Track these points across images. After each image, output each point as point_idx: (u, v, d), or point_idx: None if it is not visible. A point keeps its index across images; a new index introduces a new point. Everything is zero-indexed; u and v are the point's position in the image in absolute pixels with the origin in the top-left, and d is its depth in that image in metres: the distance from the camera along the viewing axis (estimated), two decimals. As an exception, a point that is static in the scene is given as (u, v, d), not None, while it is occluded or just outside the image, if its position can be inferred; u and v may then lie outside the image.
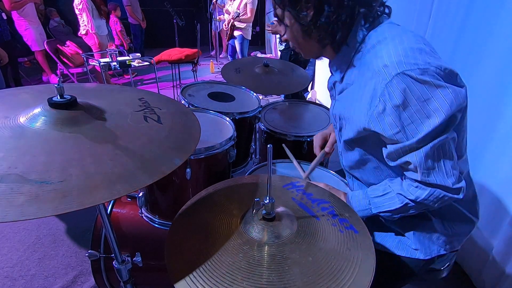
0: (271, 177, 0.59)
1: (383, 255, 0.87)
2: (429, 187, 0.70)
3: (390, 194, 0.77)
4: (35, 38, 4.17)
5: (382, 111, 0.66)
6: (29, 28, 4.10)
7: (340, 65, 0.80)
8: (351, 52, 0.75)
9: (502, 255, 1.40)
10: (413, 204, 0.73)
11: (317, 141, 1.12)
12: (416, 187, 0.71)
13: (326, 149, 1.07)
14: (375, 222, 0.87)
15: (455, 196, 0.70)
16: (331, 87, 0.88)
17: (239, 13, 3.86)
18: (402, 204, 0.75)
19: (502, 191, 1.39)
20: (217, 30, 6.08)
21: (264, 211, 0.62)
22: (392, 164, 0.74)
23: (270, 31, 2.47)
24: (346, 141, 0.82)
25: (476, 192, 0.87)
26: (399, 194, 0.75)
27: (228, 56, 4.58)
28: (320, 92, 3.87)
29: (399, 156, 0.70)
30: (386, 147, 0.73)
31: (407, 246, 0.85)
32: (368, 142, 0.77)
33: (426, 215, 0.83)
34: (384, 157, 0.74)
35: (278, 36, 2.48)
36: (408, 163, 0.69)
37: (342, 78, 0.81)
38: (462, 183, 0.70)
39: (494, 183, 1.41)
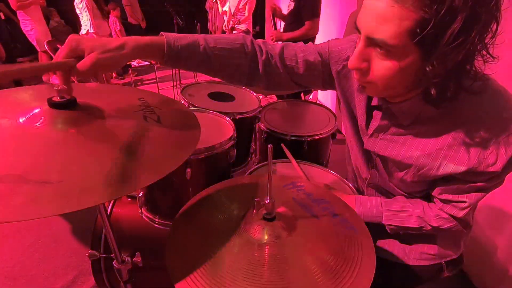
0: (271, 177, 0.59)
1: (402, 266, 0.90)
2: (457, 220, 0.73)
3: (409, 213, 0.78)
4: (40, 38, 4.16)
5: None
6: (34, 28, 4.10)
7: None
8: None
9: (505, 255, 1.39)
10: (430, 228, 0.75)
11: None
12: (445, 218, 0.73)
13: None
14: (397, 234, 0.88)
15: (465, 230, 0.76)
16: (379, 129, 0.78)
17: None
18: (418, 226, 0.76)
19: (506, 190, 1.38)
20: (216, 30, 6.05)
21: (264, 211, 0.62)
22: (442, 197, 0.73)
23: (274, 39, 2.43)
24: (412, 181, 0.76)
25: None
26: (420, 217, 0.76)
27: None
28: (321, 93, 3.86)
29: (465, 192, 0.69)
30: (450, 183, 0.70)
31: (426, 253, 0.87)
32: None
33: None
34: (438, 193, 0.73)
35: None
36: (463, 202, 0.70)
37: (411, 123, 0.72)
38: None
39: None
